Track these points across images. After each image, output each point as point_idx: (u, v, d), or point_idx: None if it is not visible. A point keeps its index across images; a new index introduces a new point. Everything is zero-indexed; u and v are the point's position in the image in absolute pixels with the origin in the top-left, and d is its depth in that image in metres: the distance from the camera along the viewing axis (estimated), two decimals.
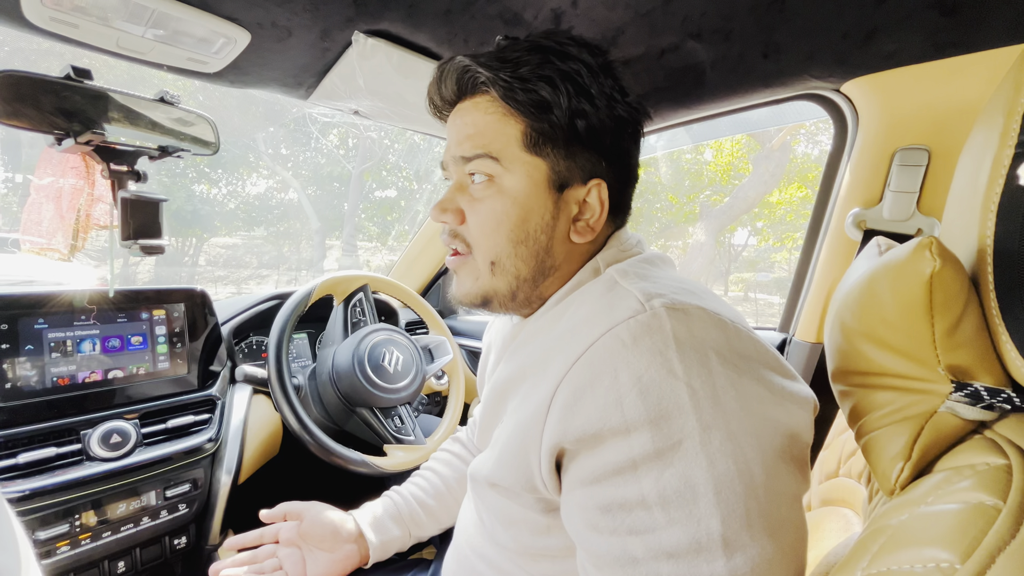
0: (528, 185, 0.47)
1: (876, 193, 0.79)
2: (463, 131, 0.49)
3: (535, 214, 0.48)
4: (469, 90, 0.49)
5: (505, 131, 0.47)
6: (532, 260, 0.49)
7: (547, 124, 0.46)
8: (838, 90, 0.77)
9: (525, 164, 0.47)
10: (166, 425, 0.82)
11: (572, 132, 0.46)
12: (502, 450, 0.47)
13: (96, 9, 0.56)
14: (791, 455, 0.37)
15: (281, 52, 0.69)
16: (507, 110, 0.46)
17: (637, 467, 0.36)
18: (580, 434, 0.39)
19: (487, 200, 0.48)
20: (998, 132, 0.33)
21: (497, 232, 0.48)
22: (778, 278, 11.06)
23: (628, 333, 0.38)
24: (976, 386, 0.35)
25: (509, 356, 0.53)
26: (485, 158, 0.47)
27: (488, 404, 0.55)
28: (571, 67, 0.46)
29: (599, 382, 0.38)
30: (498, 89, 0.45)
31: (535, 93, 0.45)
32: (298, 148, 10.88)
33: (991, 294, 0.33)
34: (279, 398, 0.87)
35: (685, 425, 0.35)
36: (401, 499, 0.73)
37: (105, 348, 0.80)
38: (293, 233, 11.78)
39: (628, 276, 0.45)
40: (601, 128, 0.47)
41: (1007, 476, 0.29)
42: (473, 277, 0.51)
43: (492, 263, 0.49)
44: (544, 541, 0.48)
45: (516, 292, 0.50)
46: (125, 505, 0.76)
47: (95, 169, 0.71)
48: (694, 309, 0.40)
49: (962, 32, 0.60)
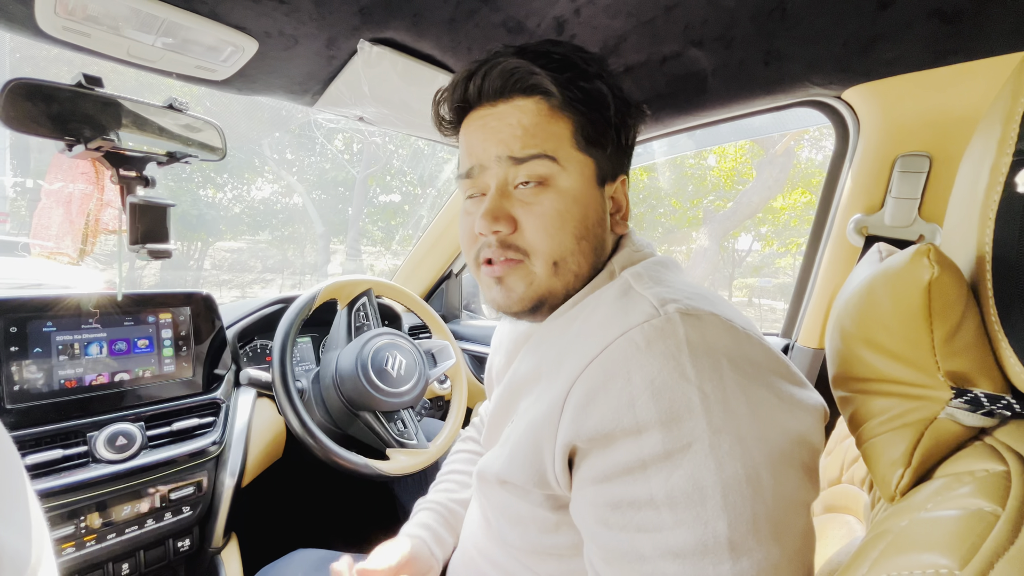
0: (582, 182, 0.49)
1: (878, 199, 0.79)
2: (507, 132, 0.47)
3: (592, 210, 0.49)
4: (510, 91, 0.48)
5: (557, 131, 0.47)
6: (592, 255, 0.50)
7: (600, 122, 0.48)
8: (839, 97, 0.78)
9: (578, 162, 0.48)
10: (171, 428, 0.82)
11: (615, 130, 0.49)
12: (514, 447, 0.47)
13: (107, 18, 0.57)
14: (800, 462, 0.37)
15: (288, 60, 0.70)
16: (553, 112, 0.47)
17: (647, 467, 0.36)
18: (593, 433, 0.39)
19: (545, 202, 0.47)
20: (996, 139, 0.33)
21: (562, 231, 0.48)
22: (781, 283, 11.01)
23: (642, 337, 0.39)
24: (976, 392, 0.35)
25: (523, 356, 0.53)
26: (543, 159, 0.47)
27: (499, 403, 0.55)
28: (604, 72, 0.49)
29: (612, 383, 0.38)
30: (557, 87, 0.46)
31: (596, 92, 0.47)
32: (303, 153, 10.95)
33: (990, 301, 0.34)
34: (283, 401, 0.88)
35: (695, 428, 0.35)
36: (442, 506, 0.71)
37: (112, 351, 0.81)
38: (297, 237, 11.84)
39: (642, 280, 0.46)
40: (623, 129, 0.50)
41: (1006, 482, 0.29)
42: (527, 282, 0.49)
43: (555, 263, 0.48)
44: (552, 539, 0.48)
45: (570, 291, 0.50)
46: (130, 507, 0.76)
47: (104, 174, 0.72)
48: (707, 315, 0.40)
49: (962, 40, 0.60)
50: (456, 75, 0.51)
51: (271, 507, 1.21)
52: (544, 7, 0.68)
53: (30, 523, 0.26)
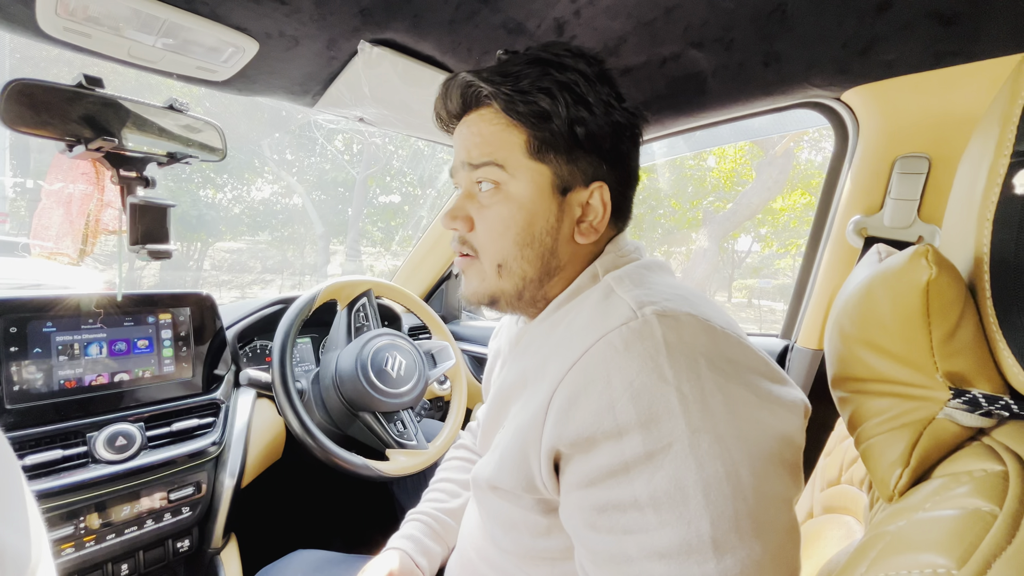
0: (533, 190, 0.49)
1: (877, 201, 0.79)
2: (470, 140, 0.51)
3: (540, 217, 0.50)
4: (473, 103, 0.51)
5: (509, 140, 0.49)
6: (538, 262, 0.51)
7: (548, 132, 0.48)
8: (839, 99, 0.78)
9: (529, 170, 0.49)
10: (171, 428, 0.82)
11: (572, 138, 0.48)
12: (503, 453, 0.48)
13: (108, 19, 0.58)
14: (781, 459, 0.38)
15: (288, 61, 0.70)
16: (510, 121, 0.48)
17: (629, 469, 0.37)
18: (575, 438, 0.40)
19: (494, 206, 0.50)
20: (994, 141, 0.33)
21: (504, 236, 0.50)
22: (781, 284, 11.01)
23: (620, 339, 0.39)
24: (974, 393, 0.35)
25: (511, 362, 0.54)
26: (492, 166, 0.49)
27: (491, 409, 0.56)
28: (568, 77, 0.48)
29: (593, 387, 0.39)
30: (500, 102, 0.48)
31: (535, 104, 0.47)
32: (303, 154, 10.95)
33: (988, 302, 0.34)
34: (282, 402, 0.88)
35: (675, 428, 0.36)
36: (429, 517, 0.72)
37: (112, 351, 0.81)
38: (297, 238, 11.83)
39: (623, 283, 0.46)
40: (600, 133, 0.49)
41: (1004, 482, 0.29)
42: (480, 278, 0.53)
43: (499, 266, 0.51)
44: (544, 543, 0.48)
45: (522, 292, 0.52)
46: (129, 508, 0.76)
47: (105, 175, 0.72)
48: (684, 316, 0.41)
49: (961, 42, 0.60)
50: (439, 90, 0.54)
51: (271, 508, 1.21)
52: (544, 8, 0.68)
53: (28, 523, 0.26)
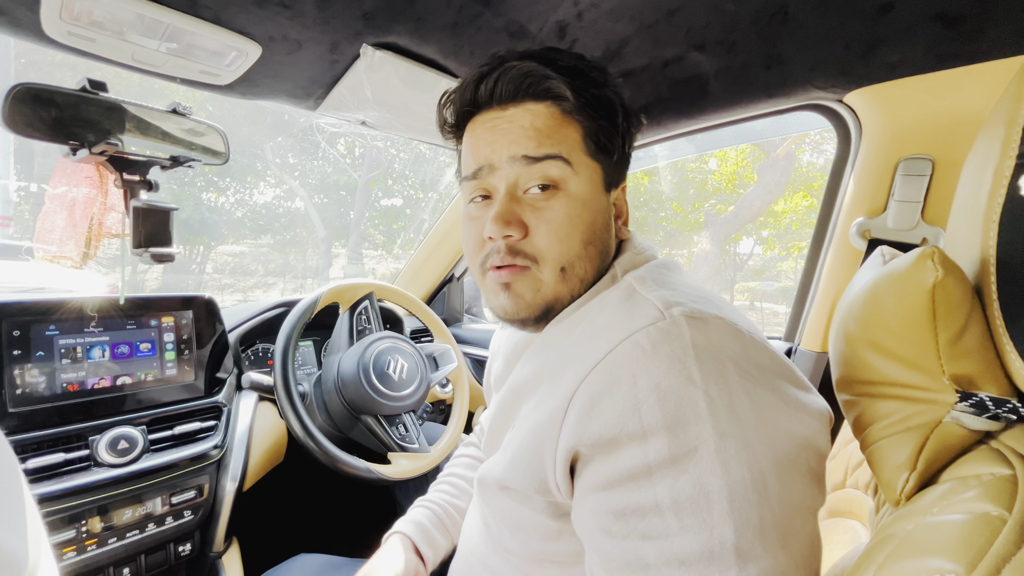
0: (591, 187, 0.49)
1: (880, 203, 0.79)
2: (520, 133, 0.47)
3: (600, 215, 0.50)
4: (523, 95, 0.48)
5: (568, 135, 0.47)
6: (598, 260, 0.50)
7: (610, 130, 0.49)
8: (841, 100, 0.78)
9: (589, 168, 0.49)
10: (173, 432, 0.82)
11: (622, 138, 0.50)
12: (515, 453, 0.47)
13: (113, 24, 0.58)
14: (807, 467, 0.37)
15: (291, 65, 0.70)
16: (564, 116, 0.47)
17: (652, 473, 0.36)
18: (597, 438, 0.39)
19: (556, 206, 0.47)
20: (1000, 143, 0.33)
21: (571, 236, 0.47)
22: (783, 287, 10.99)
23: (648, 340, 0.38)
24: (981, 396, 0.35)
25: (524, 361, 0.53)
26: (557, 160, 0.47)
27: (500, 408, 0.54)
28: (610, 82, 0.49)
29: (618, 387, 0.38)
30: (574, 94, 0.47)
31: (608, 100, 0.48)
32: (305, 157, 10.99)
33: (995, 304, 0.33)
34: (284, 405, 0.88)
35: (701, 432, 0.35)
36: (438, 507, 0.71)
37: (114, 355, 0.81)
38: (299, 241, 11.86)
39: (646, 283, 0.45)
40: (626, 138, 0.51)
41: (1012, 486, 0.29)
42: (534, 289, 0.49)
43: (563, 269, 0.48)
44: (553, 547, 0.47)
45: (575, 296, 0.50)
46: (131, 511, 0.76)
47: (108, 179, 0.72)
48: (712, 318, 0.40)
49: (964, 43, 0.60)
50: (465, 77, 0.50)
51: (272, 511, 1.21)
52: (546, 11, 0.68)
53: (27, 525, 0.26)
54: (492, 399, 0.65)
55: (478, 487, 0.54)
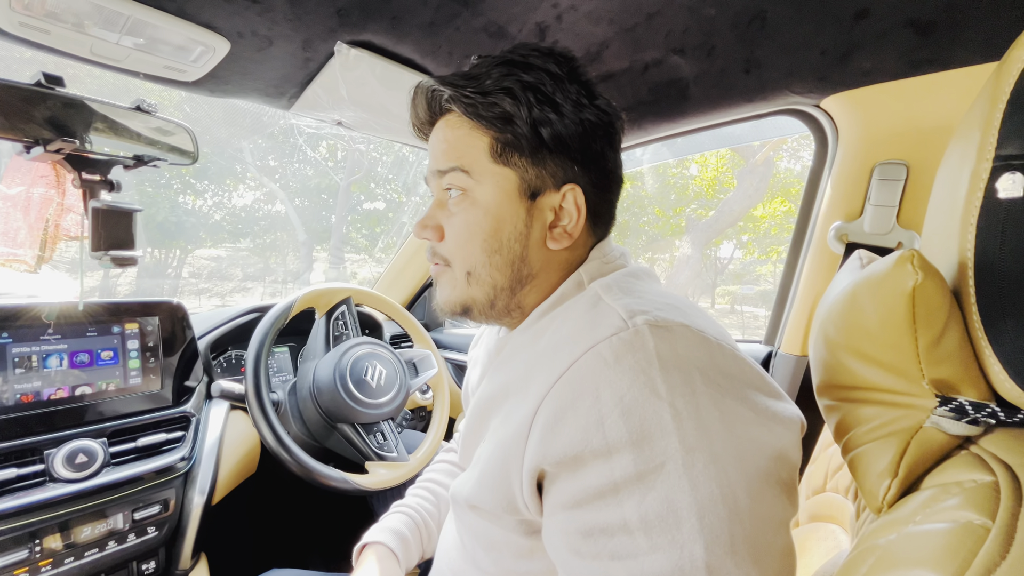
0: (499, 195, 0.48)
1: (857, 207, 0.80)
2: (438, 147, 0.50)
3: (507, 223, 0.48)
4: (440, 109, 0.50)
5: (473, 144, 0.48)
6: (507, 269, 0.49)
7: (511, 134, 0.47)
8: (818, 106, 0.78)
9: (494, 175, 0.48)
10: (136, 444, 0.78)
11: (537, 140, 0.47)
12: (483, 471, 0.45)
13: (69, 15, 0.55)
14: (777, 478, 0.36)
15: (262, 62, 0.68)
16: (473, 124, 0.48)
17: (619, 491, 0.35)
18: (561, 456, 0.37)
19: (461, 213, 0.49)
20: (975, 146, 0.33)
21: (471, 243, 0.49)
22: (763, 290, 11.19)
23: (610, 351, 0.37)
24: (960, 400, 0.34)
25: (492, 372, 0.52)
26: (457, 171, 0.48)
27: (471, 422, 0.53)
28: (534, 77, 0.46)
29: (580, 402, 0.37)
30: (460, 105, 0.47)
31: (496, 106, 0.46)
32: (286, 160, 10.81)
33: (973, 308, 0.33)
34: (256, 414, 0.84)
35: (668, 447, 0.34)
36: (415, 512, 0.70)
37: (73, 363, 0.77)
38: (280, 245, 11.64)
39: (612, 291, 0.44)
40: (567, 133, 0.47)
41: (995, 494, 0.28)
42: (451, 286, 0.52)
43: (468, 273, 0.50)
44: (526, 565, 0.46)
45: (494, 301, 0.50)
46: (90, 529, 0.72)
47: (66, 178, 0.69)
48: (678, 326, 0.39)
49: (937, 50, 0.61)
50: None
51: (244, 525, 1.16)
52: (525, 12, 0.67)
53: None
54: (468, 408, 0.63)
55: (452, 503, 0.52)
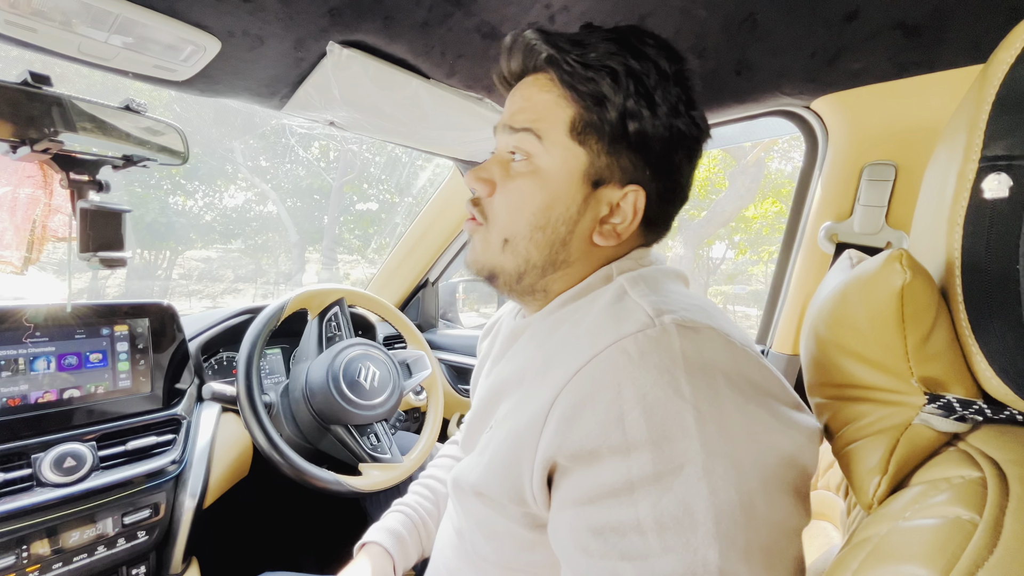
0: (563, 171, 0.46)
1: (847, 207, 0.81)
2: (517, 104, 0.48)
3: (561, 203, 0.47)
4: (533, 67, 0.48)
5: (557, 113, 0.46)
6: (546, 248, 0.48)
7: (597, 116, 0.45)
8: (808, 107, 0.79)
9: (566, 149, 0.46)
10: (126, 447, 0.78)
11: (621, 131, 0.45)
12: (492, 457, 0.45)
13: (56, 13, 0.54)
14: (794, 487, 0.36)
15: (253, 61, 0.68)
16: (562, 93, 0.45)
17: (634, 489, 0.34)
18: (577, 450, 0.37)
19: (519, 178, 0.47)
20: (962, 147, 0.33)
21: (519, 212, 0.47)
22: (755, 290, 11.26)
23: (635, 347, 0.37)
24: (949, 398, 0.35)
25: (509, 357, 0.51)
26: (529, 134, 0.46)
27: (480, 405, 0.53)
28: (642, 66, 0.44)
29: (601, 396, 0.36)
30: (557, 71, 0.45)
31: (594, 83, 0.44)
32: (278, 160, 10.73)
33: (960, 306, 0.34)
34: (248, 416, 0.84)
35: (688, 449, 0.34)
36: (414, 512, 0.70)
37: (61, 366, 0.76)
38: (271, 246, 11.55)
39: (639, 287, 0.44)
40: (654, 135, 0.45)
41: (982, 489, 0.29)
42: (483, 247, 0.50)
43: (505, 240, 0.48)
44: (528, 556, 0.46)
45: (523, 276, 0.49)
46: (79, 534, 0.71)
47: (53, 179, 0.68)
48: (705, 328, 0.38)
49: (924, 52, 0.62)
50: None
51: (236, 528, 1.15)
52: (519, 13, 0.67)
53: None
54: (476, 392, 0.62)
55: (452, 489, 0.52)
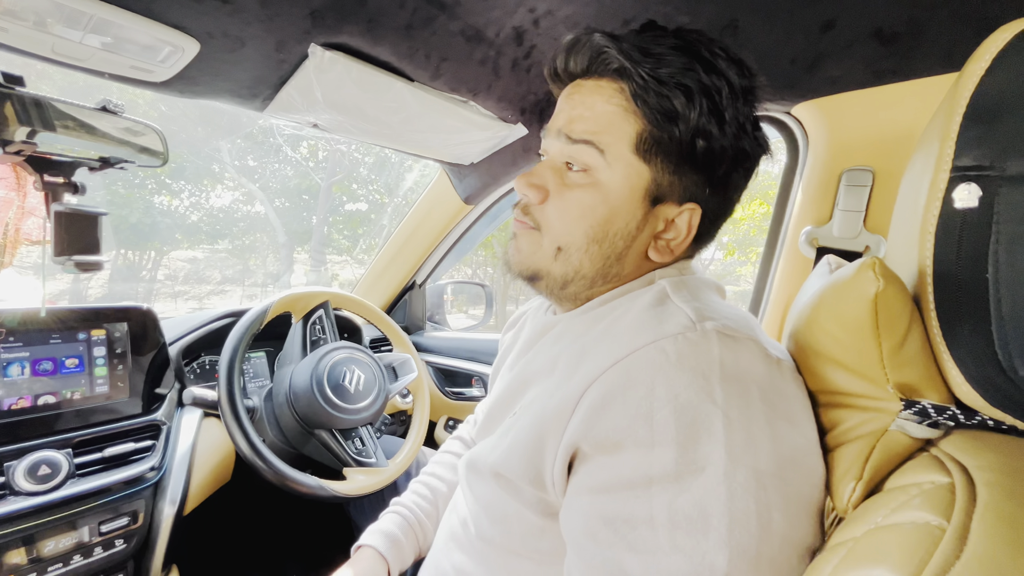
0: (625, 188, 0.45)
1: (826, 212, 0.82)
2: (578, 110, 0.46)
3: (621, 218, 0.46)
4: (598, 71, 0.46)
5: (621, 127, 0.44)
6: (600, 262, 0.47)
7: (666, 135, 0.43)
8: (789, 113, 0.80)
9: (630, 166, 0.45)
10: (103, 454, 0.76)
11: (689, 150, 0.44)
12: (515, 439, 0.45)
13: (29, 13, 0.53)
14: (814, 505, 0.36)
15: (234, 63, 0.67)
16: (630, 106, 0.44)
17: (652, 484, 0.35)
18: (602, 439, 0.37)
19: (578, 189, 0.46)
20: (934, 157, 0.34)
21: (577, 223, 0.46)
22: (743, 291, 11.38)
23: (674, 349, 0.37)
24: (924, 403, 0.35)
25: (541, 347, 0.52)
26: (591, 147, 0.45)
27: (506, 391, 0.53)
28: (714, 82, 0.42)
29: (633, 391, 0.37)
30: (628, 83, 0.43)
31: (667, 100, 0.42)
32: (266, 160, 10.62)
33: (932, 314, 0.34)
34: (229, 421, 0.82)
35: (712, 453, 0.34)
36: (410, 512, 0.69)
37: (36, 371, 0.74)
38: (259, 246, 11.43)
39: (681, 293, 0.44)
40: (720, 154, 0.44)
41: (951, 495, 0.29)
42: (532, 250, 0.49)
43: (559, 248, 0.48)
44: (535, 543, 0.46)
45: (569, 283, 0.49)
46: (54, 543, 0.69)
47: (27, 181, 0.66)
48: (745, 339, 0.39)
49: (900, 60, 0.63)
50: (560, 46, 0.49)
51: (218, 535, 1.14)
52: (503, 17, 0.67)
53: None
54: (497, 382, 0.63)
55: (466, 471, 0.52)
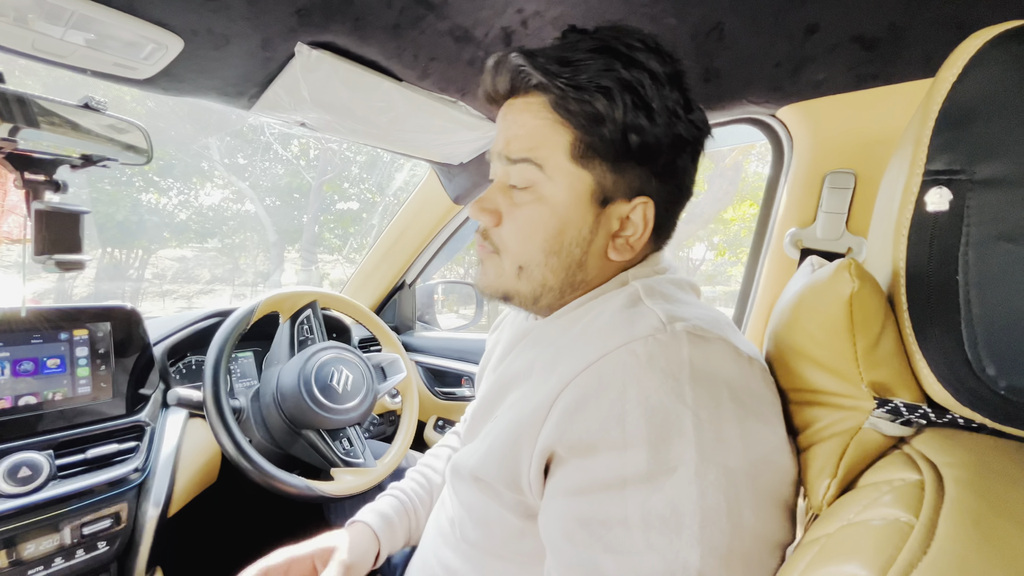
0: (570, 196, 0.46)
1: (810, 214, 0.83)
2: (511, 131, 0.47)
3: (572, 227, 0.46)
4: (522, 88, 0.46)
5: (553, 139, 0.45)
6: (562, 272, 0.48)
7: (597, 137, 0.43)
8: (774, 115, 0.81)
9: (569, 175, 0.45)
10: (85, 456, 0.75)
11: (624, 147, 0.44)
12: (493, 443, 0.45)
13: (8, 8, 0.52)
14: (784, 502, 0.37)
15: (219, 60, 0.66)
16: (557, 117, 0.44)
17: (626, 485, 0.35)
18: (576, 442, 0.38)
19: (526, 207, 0.47)
20: (908, 161, 0.35)
21: (531, 240, 0.47)
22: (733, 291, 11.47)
23: (644, 350, 0.38)
24: (896, 402, 0.36)
25: (518, 352, 0.52)
26: (529, 164, 0.45)
27: (486, 397, 0.53)
28: (634, 76, 0.42)
29: (605, 393, 0.37)
30: (548, 96, 0.44)
31: (589, 104, 0.42)
32: (256, 158, 10.52)
33: (905, 314, 0.35)
34: (214, 421, 0.82)
35: (684, 453, 0.34)
36: (406, 496, 0.69)
37: (16, 372, 0.73)
38: (249, 245, 11.32)
39: (653, 295, 0.44)
40: (656, 145, 0.44)
41: (920, 492, 0.30)
42: (497, 274, 0.50)
43: (520, 268, 0.48)
44: (516, 545, 0.47)
45: (539, 298, 0.49)
46: (35, 545, 0.69)
47: (7, 178, 0.65)
48: (715, 339, 0.39)
49: (881, 65, 0.64)
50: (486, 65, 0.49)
51: (204, 537, 1.13)
52: (491, 17, 0.67)
53: None
54: (481, 385, 0.63)
55: (450, 475, 0.52)
